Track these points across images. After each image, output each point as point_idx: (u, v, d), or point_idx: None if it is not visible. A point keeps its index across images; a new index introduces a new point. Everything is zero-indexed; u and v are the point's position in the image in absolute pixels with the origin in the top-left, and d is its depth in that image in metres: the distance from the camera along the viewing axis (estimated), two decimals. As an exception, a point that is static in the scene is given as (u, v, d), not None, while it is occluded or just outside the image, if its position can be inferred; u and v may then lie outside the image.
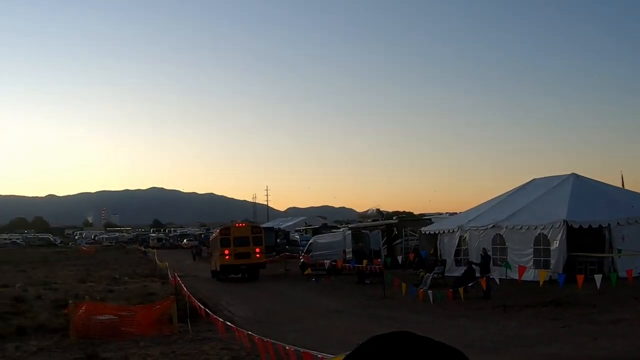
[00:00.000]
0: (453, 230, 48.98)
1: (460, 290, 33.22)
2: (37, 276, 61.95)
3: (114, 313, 28.39)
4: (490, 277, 34.11)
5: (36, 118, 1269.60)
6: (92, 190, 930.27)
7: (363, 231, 60.98)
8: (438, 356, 3.89)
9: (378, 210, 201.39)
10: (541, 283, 30.39)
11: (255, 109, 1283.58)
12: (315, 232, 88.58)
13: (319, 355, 12.01)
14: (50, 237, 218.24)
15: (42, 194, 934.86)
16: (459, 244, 48.20)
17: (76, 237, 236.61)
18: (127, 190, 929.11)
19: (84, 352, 22.83)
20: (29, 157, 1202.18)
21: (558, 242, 39.54)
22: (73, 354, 23.29)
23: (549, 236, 40.38)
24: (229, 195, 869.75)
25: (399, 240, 61.09)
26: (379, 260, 47.62)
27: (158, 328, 27.78)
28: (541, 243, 41.02)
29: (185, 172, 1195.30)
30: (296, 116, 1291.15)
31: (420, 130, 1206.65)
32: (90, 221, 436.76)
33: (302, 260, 59.73)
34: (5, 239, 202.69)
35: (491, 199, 53.08)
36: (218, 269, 56.81)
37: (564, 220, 39.62)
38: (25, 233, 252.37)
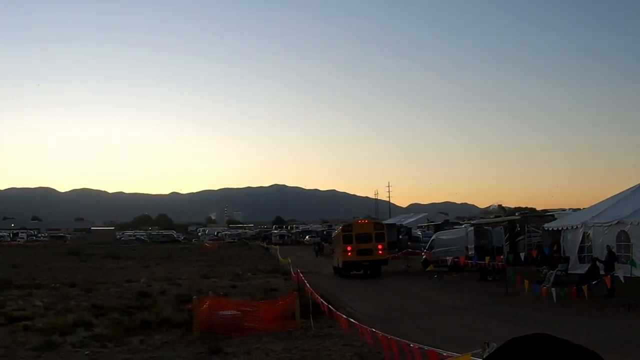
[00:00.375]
0: (576, 227, 48.25)
1: (584, 288, 32.72)
2: (161, 272, 63.12)
3: (237, 308, 28.70)
4: (615, 274, 33.47)
5: (160, 119, 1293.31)
6: (215, 187, 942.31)
7: (485, 227, 60.52)
8: (578, 359, 3.92)
9: (500, 206, 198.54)
10: (667, 281, 29.76)
11: (377, 106, 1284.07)
12: (437, 228, 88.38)
13: (444, 354, 11.96)
14: (174, 233, 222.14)
15: (166, 191, 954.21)
16: (582, 241, 47.45)
17: (199, 233, 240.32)
18: (249, 188, 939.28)
19: (208, 347, 23.20)
20: (153, 156, 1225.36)
21: (684, 238, 38.61)
22: (196, 348, 23.66)
23: (675, 233, 39.43)
24: (351, 192, 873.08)
25: (521, 237, 60.48)
26: (502, 256, 47.20)
27: (281, 323, 28.03)
28: (667, 240, 40.09)
29: (307, 169, 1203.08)
30: (418, 113, 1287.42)
31: (542, 126, 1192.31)
32: (213, 218, 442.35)
33: (424, 256, 59.66)
34: (130, 235, 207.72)
35: (615, 195, 52.00)
36: (340, 265, 56.95)
37: (690, 216, 38.70)
38: (150, 230, 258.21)
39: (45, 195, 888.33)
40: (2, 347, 24.25)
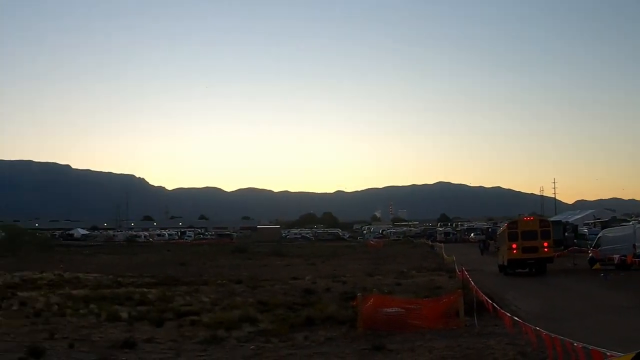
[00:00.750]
0: None
1: None
2: (326, 269, 64.05)
3: (401, 306, 28.88)
4: None
5: (325, 118, 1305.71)
6: (380, 185, 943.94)
7: (654, 224, 59.17)
8: None
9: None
10: None
11: (541, 101, 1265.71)
12: (604, 225, 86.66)
13: (608, 353, 11.91)
14: (339, 231, 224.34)
15: (331, 190, 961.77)
16: None
17: (364, 231, 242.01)
18: (414, 185, 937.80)
19: (371, 343, 23.46)
20: (318, 155, 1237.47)
21: None
22: (360, 344, 24.03)
23: None
24: (516, 189, 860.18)
25: (689, 235, 58.84)
26: (669, 255, 46.12)
27: (444, 321, 28.05)
28: None
29: (472, 166, 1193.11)
30: (582, 108, 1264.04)
31: None
32: (378, 216, 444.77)
33: (590, 254, 58.70)
34: (296, 233, 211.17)
35: None
36: (505, 263, 56.52)
37: None
38: (315, 228, 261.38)
39: (212, 194, 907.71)
40: (170, 341, 25.32)
